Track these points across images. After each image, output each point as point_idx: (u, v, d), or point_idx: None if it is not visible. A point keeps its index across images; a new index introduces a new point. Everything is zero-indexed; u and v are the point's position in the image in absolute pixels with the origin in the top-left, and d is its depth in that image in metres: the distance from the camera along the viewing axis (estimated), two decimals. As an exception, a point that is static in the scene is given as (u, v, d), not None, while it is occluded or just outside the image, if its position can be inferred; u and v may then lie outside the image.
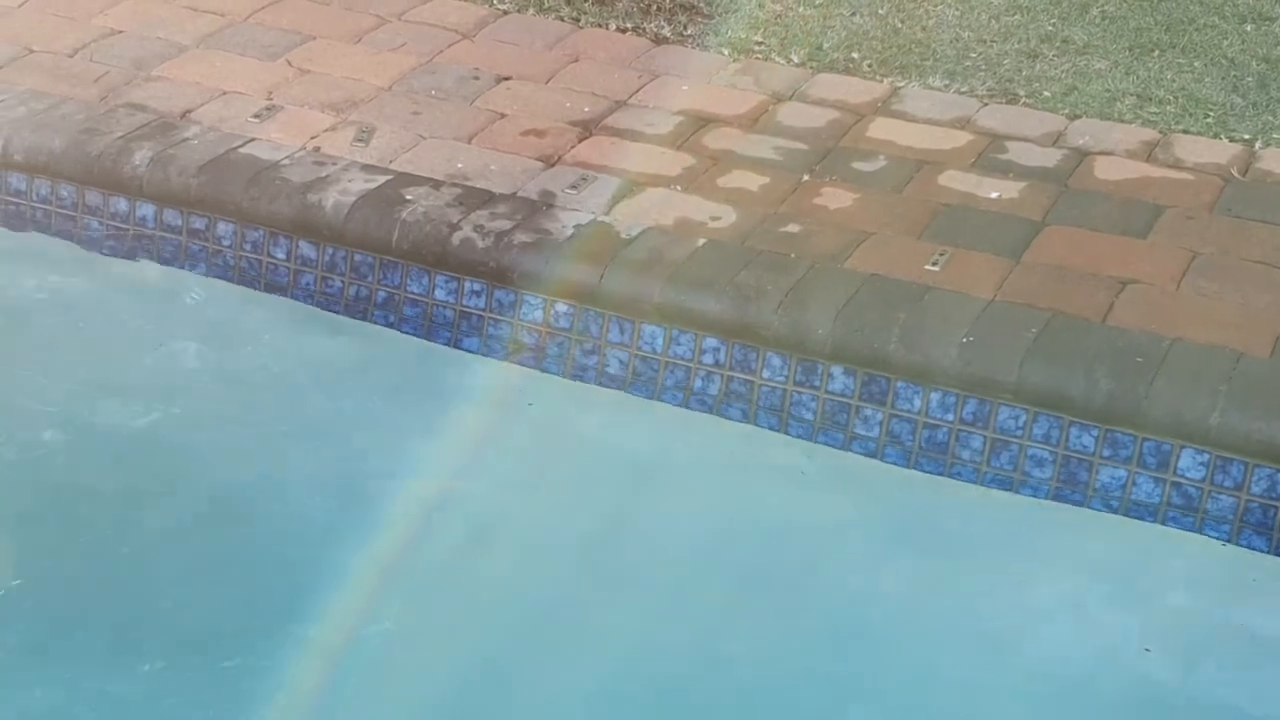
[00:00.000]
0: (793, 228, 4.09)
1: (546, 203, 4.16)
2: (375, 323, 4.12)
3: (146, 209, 4.33)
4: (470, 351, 4.04)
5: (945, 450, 3.71)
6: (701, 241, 4.01)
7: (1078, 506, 3.62)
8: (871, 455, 3.77)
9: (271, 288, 4.23)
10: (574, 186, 4.24)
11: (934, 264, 3.96)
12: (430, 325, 4.08)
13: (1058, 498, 3.64)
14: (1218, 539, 3.55)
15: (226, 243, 4.26)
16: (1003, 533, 3.60)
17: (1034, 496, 3.65)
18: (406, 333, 4.09)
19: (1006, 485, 3.67)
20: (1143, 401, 3.58)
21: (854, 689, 3.25)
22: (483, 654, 3.30)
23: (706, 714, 3.20)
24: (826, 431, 3.80)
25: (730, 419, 3.86)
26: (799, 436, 3.82)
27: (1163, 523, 3.58)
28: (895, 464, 3.75)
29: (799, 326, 3.79)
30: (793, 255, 3.98)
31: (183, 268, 4.31)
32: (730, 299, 3.84)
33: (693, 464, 3.82)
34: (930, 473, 3.72)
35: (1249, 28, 5.22)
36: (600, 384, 3.95)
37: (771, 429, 3.84)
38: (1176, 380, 3.60)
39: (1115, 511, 3.61)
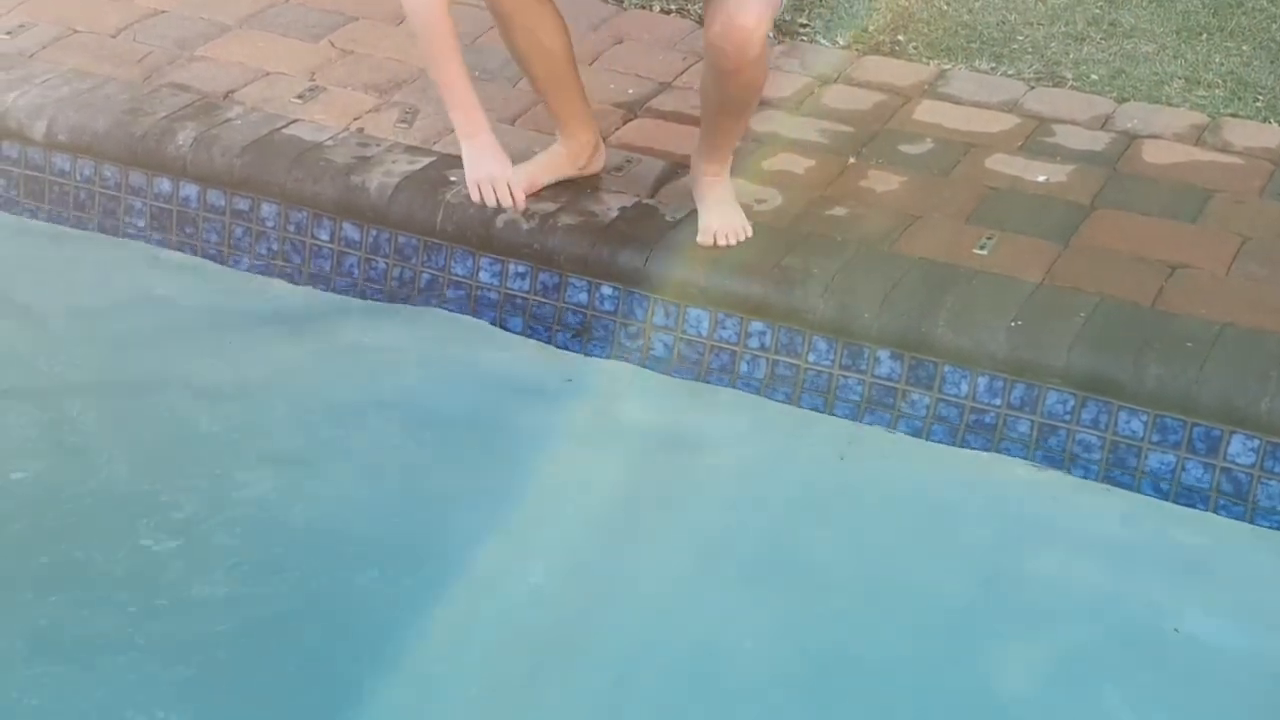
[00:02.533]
0: (839, 210, 4.07)
1: (591, 185, 4.15)
2: (417, 305, 4.12)
3: (190, 189, 4.32)
4: (513, 332, 4.03)
5: (993, 434, 3.69)
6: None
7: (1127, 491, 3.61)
8: (918, 436, 3.74)
9: (314, 270, 4.22)
10: (618, 169, 4.22)
11: (981, 247, 3.93)
12: (475, 308, 4.06)
13: (1107, 482, 3.62)
14: (1268, 526, 3.52)
15: (270, 224, 4.25)
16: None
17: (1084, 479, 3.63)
18: (450, 309, 4.08)
19: (1055, 469, 3.65)
20: (1192, 387, 3.54)
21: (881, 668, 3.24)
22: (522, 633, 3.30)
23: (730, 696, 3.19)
24: (873, 412, 3.77)
25: (775, 401, 3.83)
26: (845, 417, 3.80)
27: (1213, 509, 3.55)
28: (942, 442, 3.72)
29: (845, 310, 3.76)
30: (839, 238, 3.95)
31: (227, 248, 4.30)
32: (776, 282, 3.82)
33: (735, 445, 3.79)
34: (978, 449, 3.70)
35: (1298, 11, 5.18)
36: (644, 366, 3.94)
37: (816, 410, 3.81)
38: (1227, 365, 3.56)
39: (1165, 497, 3.57)
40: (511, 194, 3.93)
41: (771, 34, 3.81)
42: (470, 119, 3.90)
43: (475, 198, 3.98)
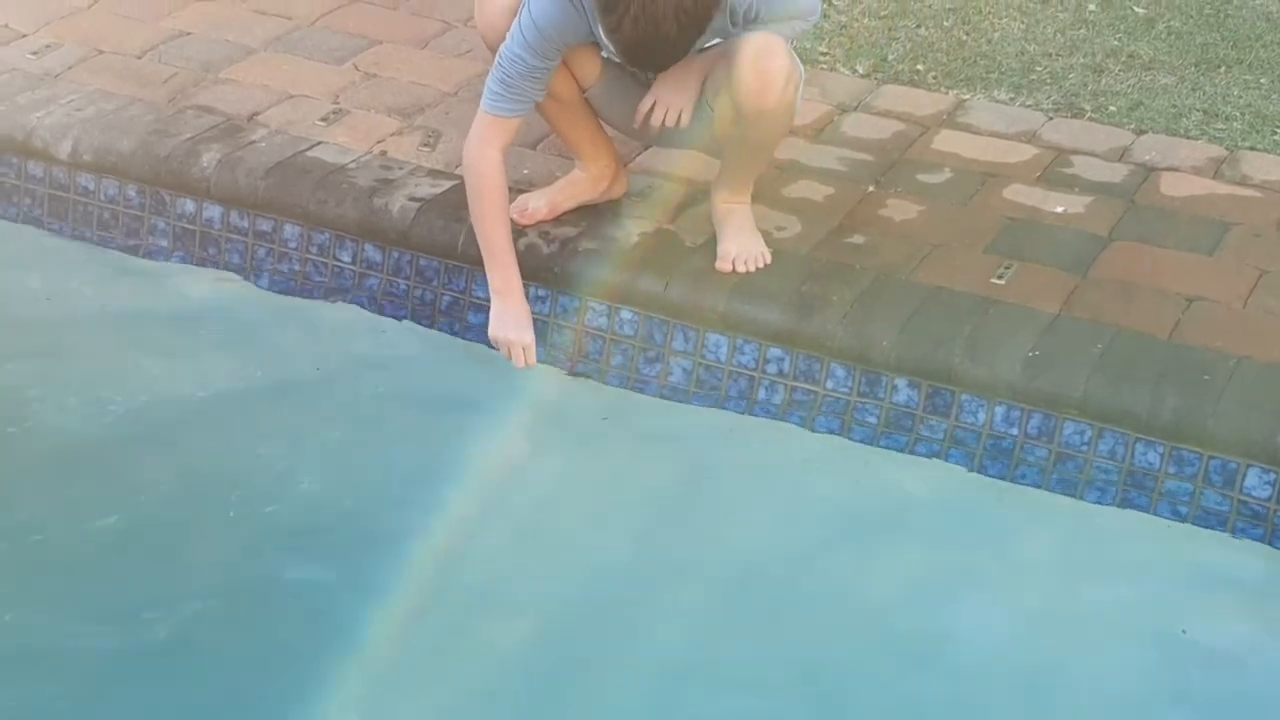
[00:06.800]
0: (858, 239, 4.09)
1: (612, 210, 4.17)
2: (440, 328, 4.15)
3: (213, 210, 4.35)
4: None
5: (1010, 464, 3.70)
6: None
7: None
8: (936, 456, 3.76)
9: (335, 289, 4.25)
10: (639, 194, 4.24)
11: (999, 277, 3.95)
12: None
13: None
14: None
15: (292, 245, 4.28)
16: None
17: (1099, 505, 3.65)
18: (470, 339, 4.10)
19: (1071, 499, 3.66)
20: (1209, 419, 3.56)
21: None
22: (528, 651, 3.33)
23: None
24: (890, 439, 3.79)
25: (792, 426, 3.85)
26: (861, 443, 3.82)
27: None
28: (959, 464, 3.74)
29: (864, 338, 3.78)
30: (858, 266, 3.97)
31: (249, 270, 4.33)
32: (795, 309, 3.84)
33: (748, 472, 3.81)
34: (994, 477, 3.72)
35: (1316, 45, 5.20)
36: (662, 392, 3.96)
37: (832, 434, 3.83)
38: (1243, 398, 3.58)
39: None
40: (524, 358, 3.97)
41: (803, 75, 3.83)
42: (506, 280, 3.96)
43: (495, 347, 4.03)
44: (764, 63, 3.71)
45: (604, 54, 3.88)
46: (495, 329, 3.96)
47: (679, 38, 3.53)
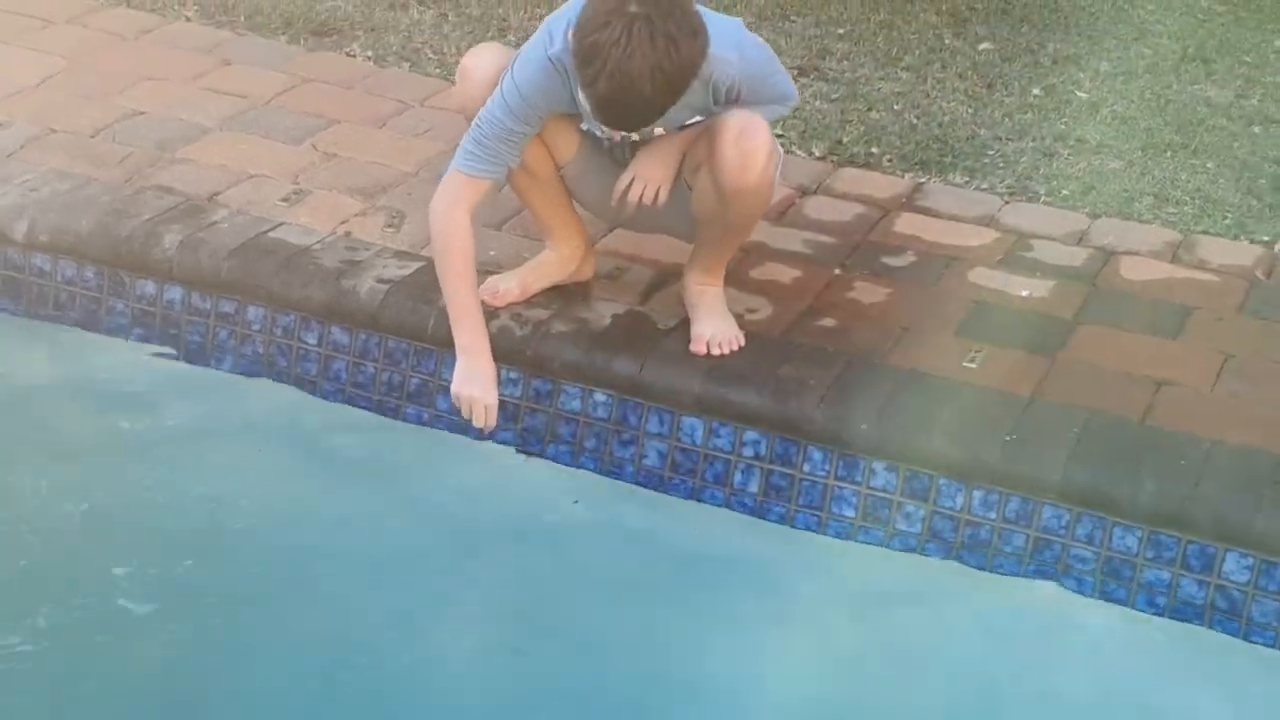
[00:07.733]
0: (828, 321, 4.11)
1: (582, 292, 4.16)
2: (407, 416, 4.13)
3: (174, 292, 4.29)
4: (504, 443, 4.02)
5: (987, 548, 3.71)
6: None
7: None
8: (913, 551, 3.77)
9: (300, 373, 4.21)
10: (609, 276, 4.24)
11: (971, 360, 3.97)
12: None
13: (1102, 597, 3.65)
14: (1262, 642, 3.57)
15: (256, 327, 4.23)
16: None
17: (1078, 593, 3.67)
18: (441, 429, 4.09)
19: (1049, 583, 3.68)
20: (1187, 503, 3.59)
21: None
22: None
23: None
24: (868, 523, 3.80)
25: (769, 516, 3.85)
26: (837, 536, 3.82)
27: (1209, 625, 3.59)
28: (937, 554, 3.76)
29: (841, 421, 3.79)
30: (831, 349, 3.99)
31: (211, 353, 4.29)
32: (772, 393, 3.84)
33: (727, 558, 3.81)
34: (972, 563, 3.74)
35: (1256, 129, 5.29)
36: (637, 478, 3.95)
37: (810, 529, 3.84)
38: (1219, 483, 3.61)
39: (1159, 613, 3.61)
40: (485, 418, 3.93)
41: (781, 155, 3.86)
42: (474, 338, 3.92)
43: (457, 405, 3.98)
44: (747, 141, 3.73)
45: (583, 126, 3.87)
46: (459, 385, 3.93)
47: (653, 97, 3.51)
